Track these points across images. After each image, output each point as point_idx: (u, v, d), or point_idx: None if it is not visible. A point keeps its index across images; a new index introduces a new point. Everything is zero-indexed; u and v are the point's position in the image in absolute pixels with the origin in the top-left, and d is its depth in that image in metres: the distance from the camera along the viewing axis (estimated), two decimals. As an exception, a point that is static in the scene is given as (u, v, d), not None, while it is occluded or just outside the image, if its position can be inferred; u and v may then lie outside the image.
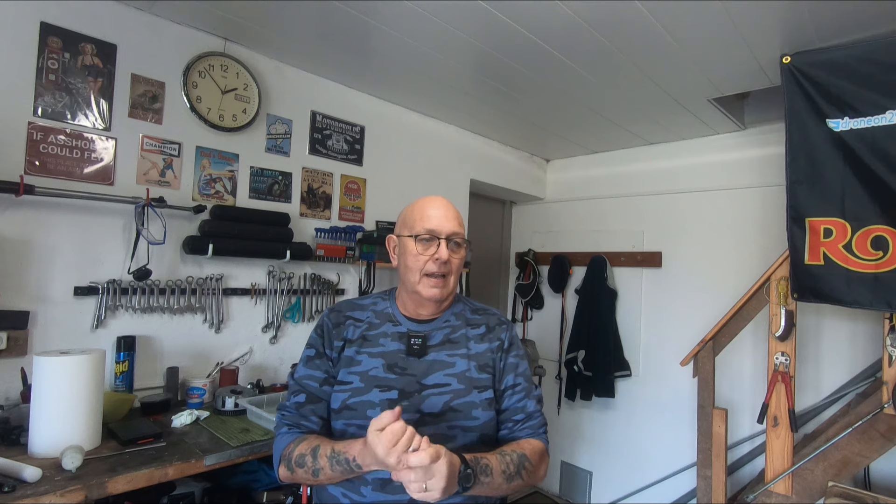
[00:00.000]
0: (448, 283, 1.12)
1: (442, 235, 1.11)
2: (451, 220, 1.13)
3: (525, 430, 1.13)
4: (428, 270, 1.10)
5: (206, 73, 2.09)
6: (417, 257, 1.11)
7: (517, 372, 1.17)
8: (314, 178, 2.50)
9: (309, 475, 1.00)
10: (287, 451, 1.05)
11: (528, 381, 1.18)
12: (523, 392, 1.15)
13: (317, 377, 1.12)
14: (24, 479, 1.21)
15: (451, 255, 1.11)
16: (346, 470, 0.96)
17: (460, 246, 1.14)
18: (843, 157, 1.87)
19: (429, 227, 1.11)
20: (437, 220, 1.12)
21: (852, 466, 1.99)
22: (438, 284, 1.11)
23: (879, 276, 1.79)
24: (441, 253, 1.09)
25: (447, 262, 1.10)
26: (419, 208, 1.15)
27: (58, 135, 1.75)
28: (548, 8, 1.76)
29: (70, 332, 1.77)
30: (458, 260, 1.13)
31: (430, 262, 1.10)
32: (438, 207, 1.14)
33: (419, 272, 1.11)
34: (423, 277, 1.11)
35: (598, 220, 3.62)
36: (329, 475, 0.99)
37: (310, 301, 2.46)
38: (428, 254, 1.10)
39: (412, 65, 2.32)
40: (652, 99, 2.56)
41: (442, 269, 1.10)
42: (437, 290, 1.11)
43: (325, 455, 0.98)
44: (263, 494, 1.81)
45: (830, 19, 1.78)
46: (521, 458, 1.04)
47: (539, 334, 3.81)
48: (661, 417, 3.18)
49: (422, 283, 1.11)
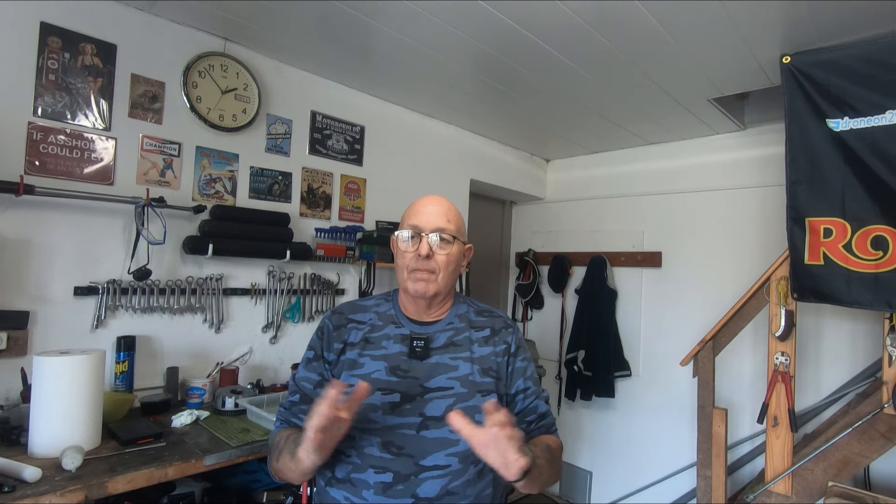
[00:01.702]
0: (435, 280, 1.10)
1: (426, 231, 1.09)
2: (438, 216, 1.11)
3: (539, 429, 1.14)
4: (411, 266, 1.09)
5: (206, 73, 2.09)
6: (404, 255, 1.10)
7: (526, 376, 1.16)
8: (314, 178, 2.50)
9: (276, 459, 1.03)
10: (275, 440, 1.08)
11: (536, 383, 1.18)
12: (534, 395, 1.15)
13: (312, 379, 1.12)
14: (24, 479, 1.21)
15: (437, 251, 1.09)
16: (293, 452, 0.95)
17: (449, 242, 1.10)
18: (843, 157, 1.87)
19: (413, 222, 1.11)
20: (423, 216, 1.11)
21: (852, 466, 1.99)
22: (423, 278, 1.08)
23: (879, 276, 1.79)
24: (421, 248, 1.08)
25: (429, 258, 1.08)
26: (413, 207, 1.15)
27: (58, 135, 1.75)
28: (548, 8, 1.76)
29: (70, 332, 1.77)
30: (446, 256, 1.10)
31: (412, 258, 1.09)
32: (428, 204, 1.13)
33: (405, 269, 1.10)
34: (409, 273, 1.10)
35: (598, 220, 3.62)
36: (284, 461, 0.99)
37: (310, 301, 2.46)
38: (412, 250, 1.09)
39: (412, 65, 2.32)
40: (652, 99, 2.56)
41: (422, 264, 1.08)
42: (421, 285, 1.08)
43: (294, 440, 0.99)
44: (263, 494, 1.81)
45: (830, 19, 1.78)
46: (548, 448, 1.06)
47: (539, 334, 3.81)
48: (661, 417, 3.18)
49: (409, 279, 1.10)
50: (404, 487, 1.00)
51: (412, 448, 1.02)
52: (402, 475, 1.00)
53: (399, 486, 1.00)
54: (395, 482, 1.00)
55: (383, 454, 1.01)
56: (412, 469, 1.01)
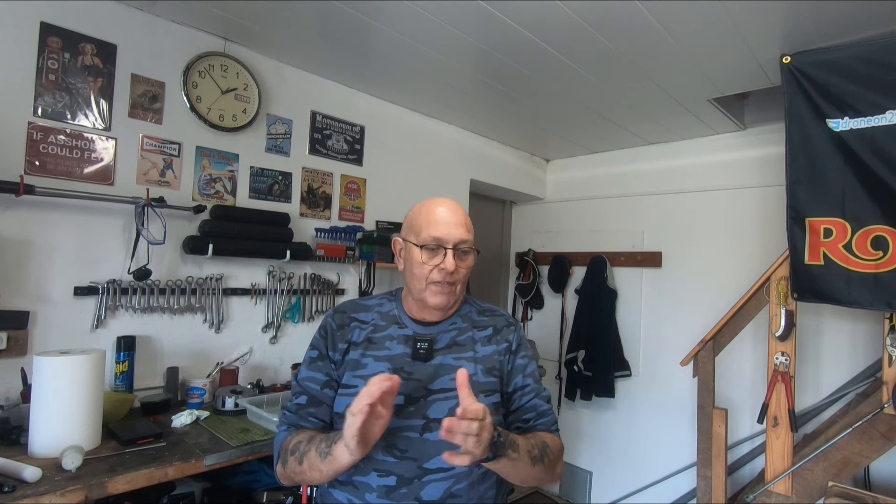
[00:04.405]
0: (455, 291, 1.09)
1: (449, 245, 1.06)
2: (459, 227, 1.08)
3: (539, 426, 1.12)
4: (433, 279, 1.06)
5: (206, 73, 2.09)
6: (423, 266, 1.07)
7: (525, 373, 1.15)
8: (314, 178, 2.50)
9: (297, 463, 0.99)
10: (285, 444, 1.04)
11: (537, 381, 1.16)
12: (533, 393, 1.14)
13: (318, 380, 1.10)
14: (24, 479, 1.21)
15: (458, 264, 1.07)
16: (326, 448, 0.94)
17: (468, 254, 1.09)
18: (843, 157, 1.87)
19: (435, 235, 1.06)
20: (444, 227, 1.07)
21: (852, 466, 1.99)
22: (444, 291, 1.07)
23: (879, 276, 1.79)
24: (447, 264, 1.05)
25: (453, 272, 1.06)
26: (426, 212, 1.10)
27: (58, 135, 1.75)
28: (548, 8, 1.76)
29: (70, 332, 1.77)
30: (466, 268, 1.09)
31: (435, 272, 1.06)
32: (446, 213, 1.09)
33: (425, 280, 1.07)
34: (430, 285, 1.07)
35: (598, 220, 3.62)
36: (311, 460, 0.96)
37: (310, 301, 2.46)
38: (433, 263, 1.06)
39: (412, 65, 2.31)
40: (652, 99, 2.56)
41: (447, 278, 1.06)
42: (443, 298, 1.07)
43: (323, 440, 0.97)
44: (263, 494, 1.81)
45: (830, 19, 1.78)
46: (543, 445, 1.04)
47: (539, 334, 3.81)
48: (661, 417, 3.18)
49: (428, 291, 1.07)
50: (408, 490, 0.99)
51: (415, 451, 1.01)
52: (405, 478, 1.00)
53: (402, 489, 0.99)
54: (398, 485, 0.99)
55: (386, 457, 1.01)
56: (415, 472, 1.00)
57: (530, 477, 1.02)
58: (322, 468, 0.94)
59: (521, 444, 0.98)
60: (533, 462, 1.00)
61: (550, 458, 1.05)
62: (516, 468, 0.97)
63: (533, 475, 1.02)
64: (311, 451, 0.97)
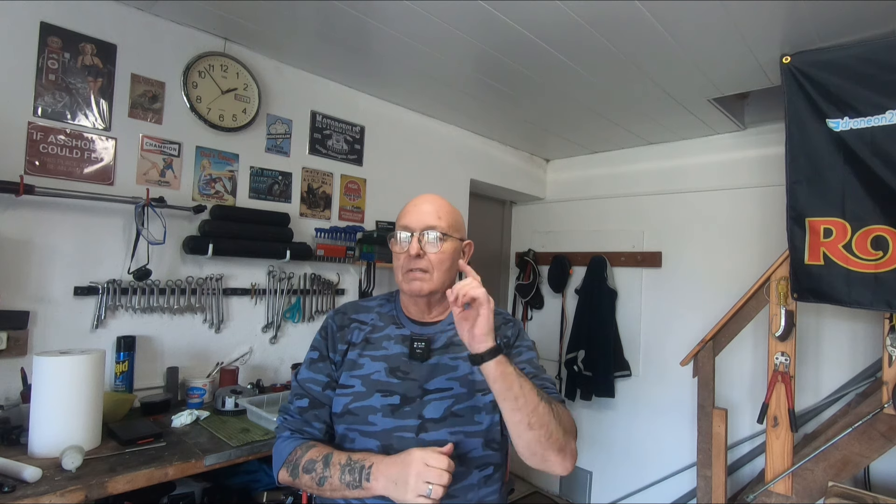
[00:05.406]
0: (431, 278, 1.07)
1: (416, 230, 1.07)
2: (429, 214, 1.08)
3: None
4: (404, 267, 1.07)
5: (205, 73, 2.09)
6: (398, 256, 1.09)
7: (521, 358, 1.12)
8: (314, 178, 2.50)
9: (314, 483, 0.99)
10: (294, 457, 1.03)
11: (536, 367, 1.12)
12: (531, 375, 1.06)
13: (319, 381, 1.10)
14: (24, 479, 1.21)
15: (428, 250, 1.06)
16: (354, 481, 0.95)
17: (441, 240, 1.07)
18: (843, 157, 1.87)
19: (403, 223, 1.09)
20: (413, 215, 1.08)
21: (852, 466, 1.99)
22: (416, 277, 1.06)
23: (879, 276, 1.79)
24: (411, 248, 1.05)
25: (420, 257, 1.05)
26: (405, 207, 1.12)
27: (58, 135, 1.75)
28: (548, 8, 1.76)
29: (70, 332, 1.77)
30: (438, 255, 1.07)
31: (403, 258, 1.08)
32: (419, 203, 1.11)
33: (400, 270, 1.09)
34: (404, 274, 1.08)
35: (598, 220, 3.62)
36: (334, 485, 0.97)
37: (310, 301, 2.46)
38: (405, 250, 1.07)
39: (412, 65, 2.31)
40: (652, 99, 2.56)
41: (414, 264, 1.06)
42: (416, 284, 1.06)
43: (338, 463, 0.97)
44: (263, 495, 1.81)
45: (830, 19, 1.78)
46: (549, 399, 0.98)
47: (539, 334, 3.81)
48: (661, 417, 3.18)
49: (403, 280, 1.08)
50: None
51: None
52: None
53: None
54: None
55: None
56: None
57: (537, 417, 0.92)
58: (347, 494, 0.97)
59: (527, 381, 0.95)
60: (539, 397, 0.94)
61: (559, 413, 0.99)
62: (522, 389, 0.91)
63: (540, 416, 0.93)
64: (332, 479, 0.97)
